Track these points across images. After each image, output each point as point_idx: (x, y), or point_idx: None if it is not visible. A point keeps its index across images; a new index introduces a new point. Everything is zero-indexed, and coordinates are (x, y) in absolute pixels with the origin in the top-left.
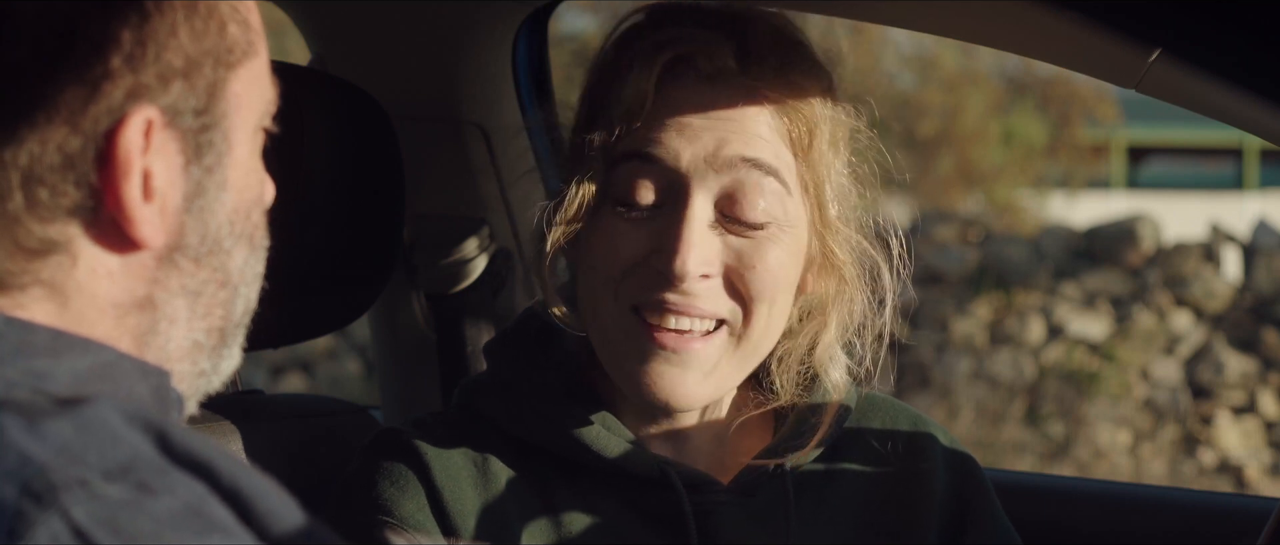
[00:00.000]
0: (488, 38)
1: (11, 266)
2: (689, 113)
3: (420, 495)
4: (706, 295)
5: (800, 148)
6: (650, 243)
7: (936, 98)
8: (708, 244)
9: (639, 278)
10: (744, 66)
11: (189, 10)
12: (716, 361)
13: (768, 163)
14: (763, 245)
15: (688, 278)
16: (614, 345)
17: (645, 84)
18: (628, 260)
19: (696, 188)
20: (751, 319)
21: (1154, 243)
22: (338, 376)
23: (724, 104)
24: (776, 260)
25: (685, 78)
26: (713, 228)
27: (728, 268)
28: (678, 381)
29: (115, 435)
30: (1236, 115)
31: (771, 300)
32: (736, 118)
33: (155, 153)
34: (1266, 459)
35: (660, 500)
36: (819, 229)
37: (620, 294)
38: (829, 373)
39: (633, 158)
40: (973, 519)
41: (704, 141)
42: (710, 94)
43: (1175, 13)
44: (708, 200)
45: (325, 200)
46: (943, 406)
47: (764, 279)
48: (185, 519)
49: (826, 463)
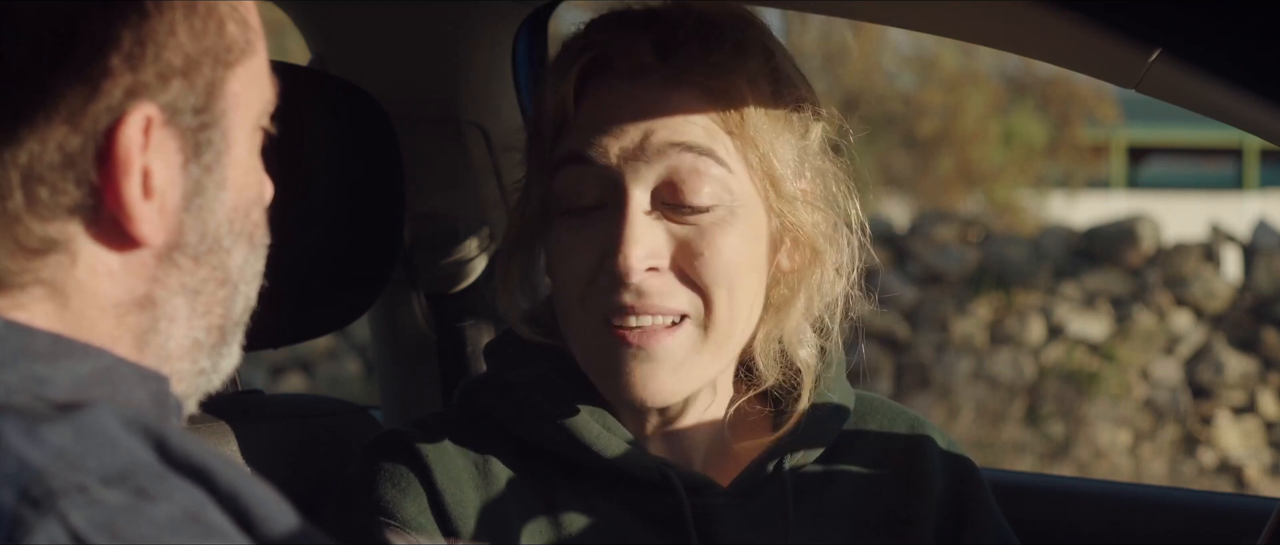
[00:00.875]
0: (488, 38)
1: (11, 265)
2: (613, 110)
3: (421, 497)
4: (660, 291)
5: (733, 124)
6: (599, 249)
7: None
8: (650, 237)
9: (598, 285)
10: (663, 58)
11: (188, 9)
12: (686, 354)
13: (699, 143)
14: (710, 231)
15: (633, 272)
16: (589, 354)
17: (565, 88)
18: (584, 269)
19: (631, 182)
20: (712, 307)
21: (1154, 243)
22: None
23: (647, 96)
24: (727, 244)
25: (605, 77)
26: (655, 219)
27: (676, 258)
28: (649, 377)
29: (114, 440)
30: (1236, 115)
31: (729, 286)
32: (660, 106)
33: (155, 151)
34: (1266, 459)
35: (660, 502)
36: (776, 205)
37: (587, 304)
38: (797, 352)
39: (566, 163)
40: (970, 521)
41: (631, 135)
42: (632, 89)
43: (1175, 13)
44: (644, 192)
45: (325, 200)
46: (943, 406)
47: (715, 264)
48: (183, 524)
49: (825, 465)
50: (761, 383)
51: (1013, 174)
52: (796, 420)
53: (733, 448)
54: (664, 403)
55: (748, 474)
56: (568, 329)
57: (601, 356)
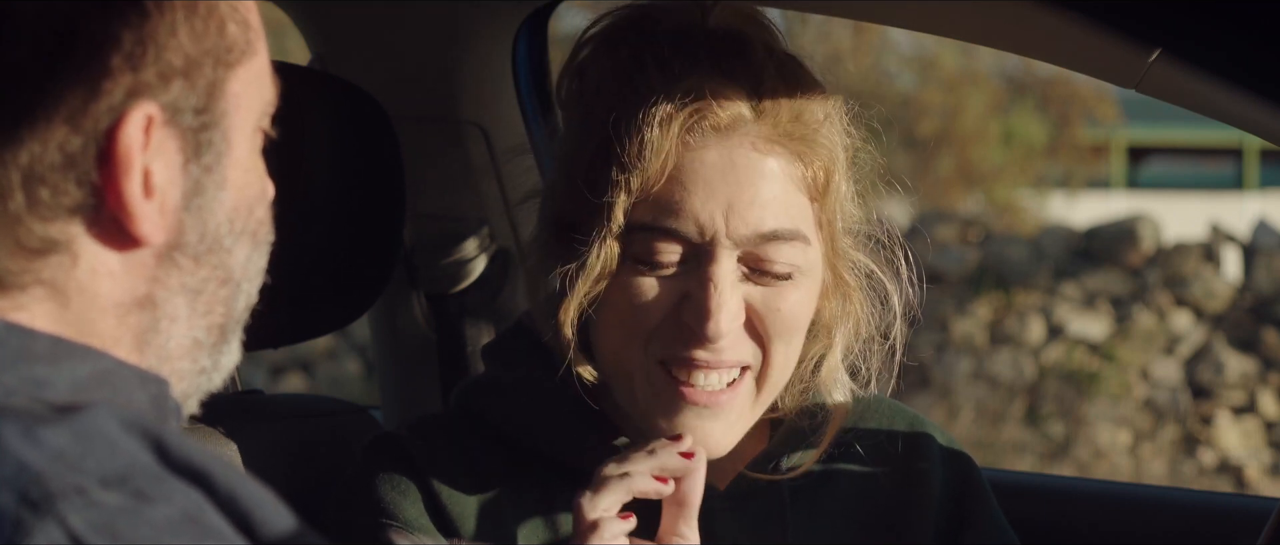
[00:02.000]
0: (488, 38)
1: (12, 266)
2: (707, 175)
3: (419, 498)
4: (731, 347)
5: (817, 191)
6: (675, 297)
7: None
8: (735, 301)
9: (666, 333)
10: (758, 111)
11: (189, 10)
12: (743, 408)
13: (786, 231)
14: (785, 290)
15: (722, 336)
16: (643, 399)
17: (666, 148)
18: (655, 316)
19: (721, 251)
20: (770, 359)
21: (1154, 243)
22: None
23: (741, 160)
24: (796, 302)
25: (700, 131)
26: (738, 280)
27: (750, 312)
28: (710, 434)
29: (113, 443)
30: (1236, 115)
31: (789, 339)
32: (754, 176)
33: (155, 150)
34: (1266, 459)
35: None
36: (831, 260)
37: (649, 349)
38: (831, 394)
39: (653, 230)
40: (970, 519)
41: (724, 207)
42: (725, 149)
43: (1175, 13)
44: (732, 259)
45: (325, 200)
46: (943, 406)
47: (785, 322)
48: (182, 526)
49: (823, 464)
50: (775, 411)
51: (1013, 174)
52: (791, 427)
53: (730, 452)
54: (720, 455)
55: (744, 477)
56: (614, 365)
57: (659, 403)
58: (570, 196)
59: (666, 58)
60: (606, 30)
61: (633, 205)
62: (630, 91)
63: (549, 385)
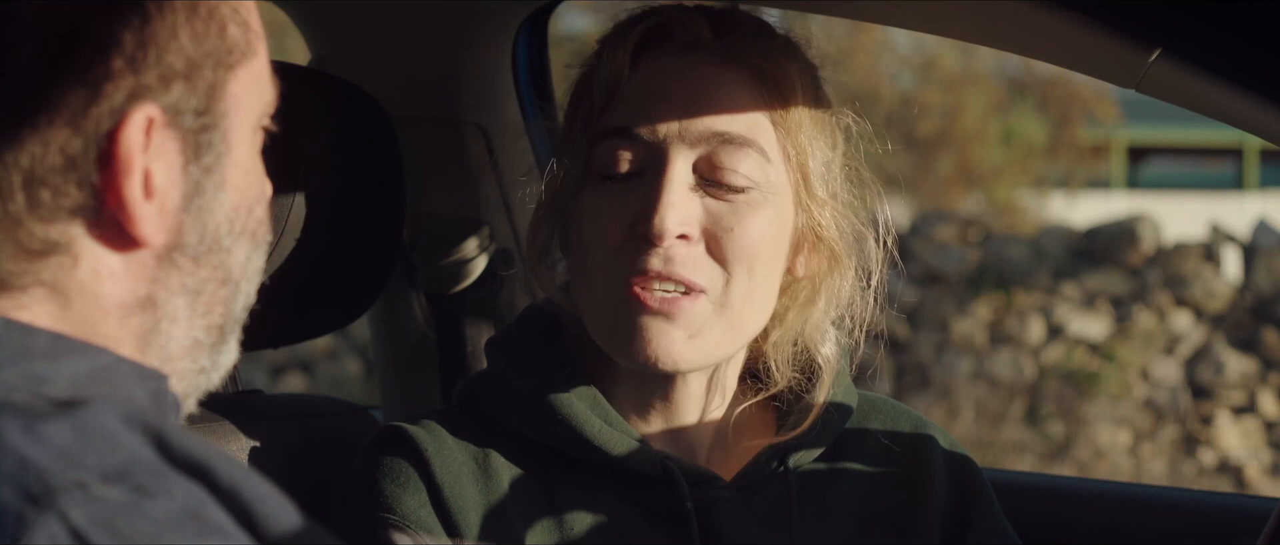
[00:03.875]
0: (488, 38)
1: (13, 267)
2: (664, 82)
3: (421, 492)
4: (685, 261)
5: (779, 114)
6: (634, 211)
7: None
8: (686, 205)
9: (625, 250)
10: (719, 34)
11: (190, 12)
12: (700, 324)
13: (741, 135)
14: (742, 210)
15: (667, 235)
16: (605, 318)
17: (622, 57)
18: (615, 233)
19: (674, 152)
20: (731, 284)
21: (1154, 243)
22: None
23: (699, 72)
24: (755, 227)
25: (661, 48)
26: (693, 191)
27: (706, 232)
28: (662, 338)
29: (113, 438)
30: (1236, 115)
31: (750, 267)
32: (711, 83)
33: (156, 152)
34: (1266, 459)
35: (663, 497)
36: (804, 202)
37: (611, 270)
38: (820, 349)
39: (612, 134)
40: (973, 521)
41: (678, 111)
42: (686, 61)
43: (1175, 13)
44: (686, 163)
45: (325, 200)
46: (943, 406)
47: (742, 243)
48: (183, 521)
49: (828, 463)
50: (772, 386)
51: (1013, 174)
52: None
53: (735, 444)
54: (672, 367)
55: (750, 469)
56: (587, 297)
57: (618, 318)
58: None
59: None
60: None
61: (597, 117)
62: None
63: (553, 378)
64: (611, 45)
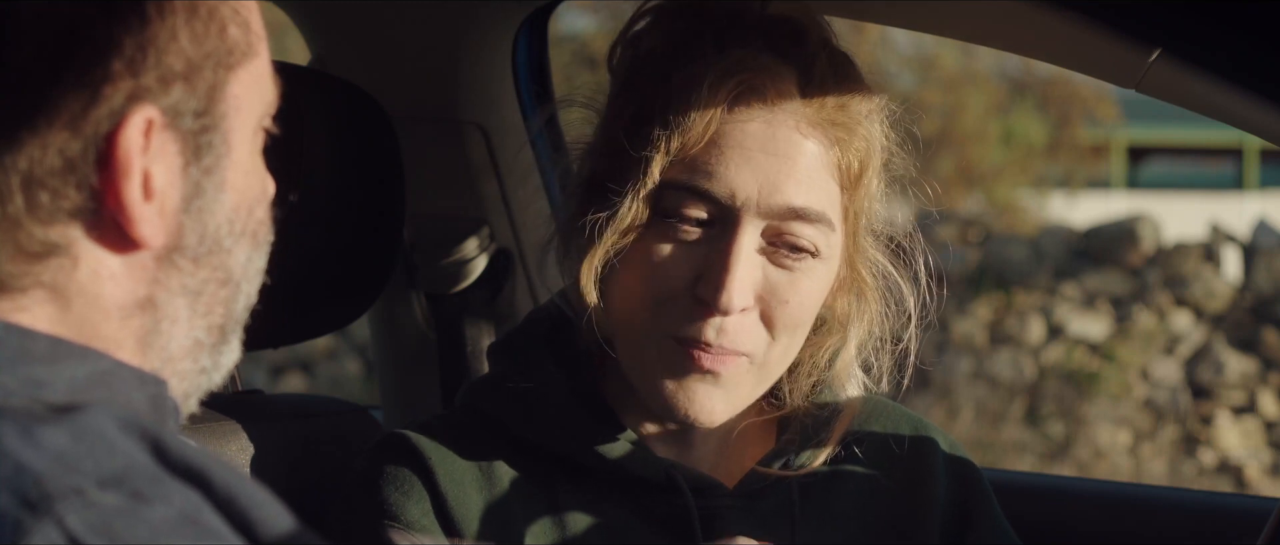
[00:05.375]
0: (488, 38)
1: (13, 269)
2: (747, 144)
3: (424, 499)
4: (739, 333)
5: (849, 181)
6: (694, 268)
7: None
8: (752, 279)
9: (679, 306)
10: (804, 93)
11: (190, 13)
12: (738, 381)
13: (816, 211)
14: (799, 279)
15: (732, 312)
16: (647, 362)
17: (712, 111)
18: (671, 283)
19: (747, 220)
20: (773, 347)
21: (1154, 243)
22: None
23: (782, 136)
24: (807, 293)
25: (746, 104)
26: (758, 256)
27: (761, 299)
28: (709, 399)
29: (111, 444)
30: (1236, 115)
31: (794, 331)
32: (792, 155)
33: (155, 153)
34: (1266, 459)
35: (666, 504)
36: (850, 254)
37: (660, 317)
38: (845, 388)
39: (687, 189)
40: (974, 523)
41: (759, 179)
42: (769, 123)
43: (1175, 13)
44: (756, 231)
45: (325, 200)
46: (943, 406)
47: (794, 312)
48: (180, 527)
49: (830, 466)
50: (783, 407)
51: (1013, 174)
52: (801, 425)
53: (738, 451)
54: (712, 425)
55: (753, 476)
56: (625, 332)
57: (662, 368)
58: (608, 155)
59: (722, 30)
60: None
61: (669, 164)
62: (684, 57)
63: (557, 384)
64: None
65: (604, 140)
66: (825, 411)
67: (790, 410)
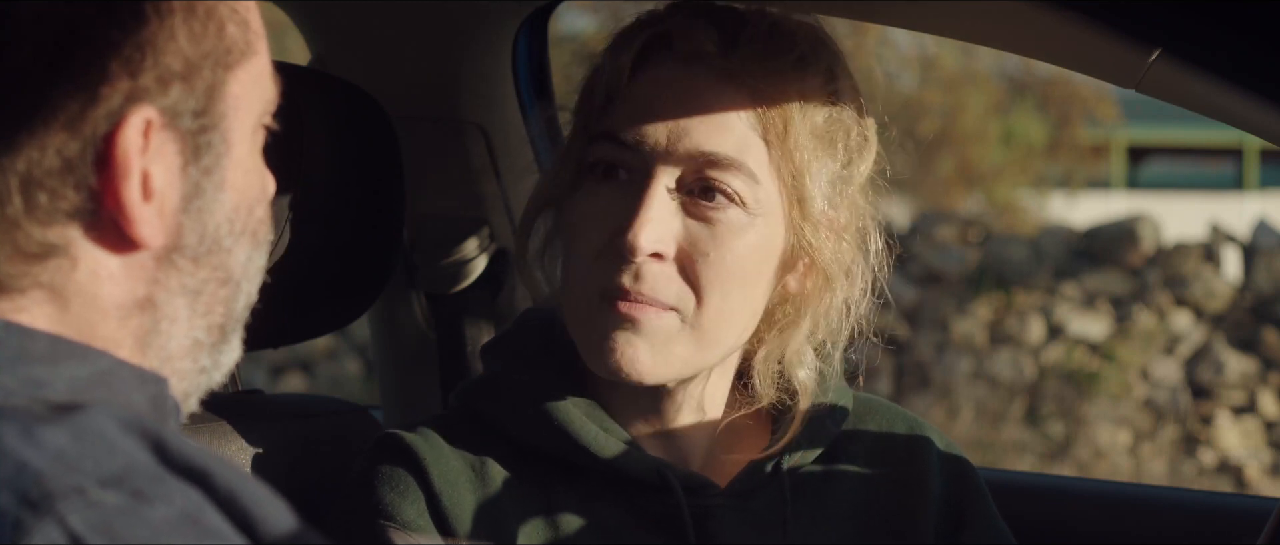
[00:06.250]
0: (488, 38)
1: (11, 270)
2: (659, 93)
3: (419, 499)
4: (656, 281)
5: (774, 135)
6: (615, 221)
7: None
8: (665, 222)
9: (603, 260)
10: (723, 49)
11: (188, 12)
12: (668, 337)
13: (727, 156)
14: (722, 233)
15: (639, 251)
16: (581, 326)
17: (623, 61)
18: (596, 240)
19: (659, 167)
20: (703, 307)
21: (1154, 243)
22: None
23: (696, 86)
24: (734, 250)
25: (662, 58)
26: (675, 204)
27: (682, 251)
28: (629, 349)
29: (112, 443)
30: (1236, 115)
31: (724, 291)
32: (705, 102)
33: (154, 153)
34: (1266, 459)
35: (658, 502)
36: (796, 222)
37: (589, 278)
38: (795, 373)
39: (604, 138)
40: (969, 522)
41: (670, 125)
42: (684, 73)
43: (1175, 13)
44: (669, 178)
45: (325, 200)
46: (943, 406)
47: (717, 267)
48: (182, 526)
49: (824, 465)
50: (758, 401)
51: (1013, 174)
52: (794, 427)
53: (731, 451)
54: (639, 378)
55: (745, 475)
56: (568, 301)
57: (590, 325)
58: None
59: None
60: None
61: (595, 118)
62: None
63: (549, 383)
64: (617, 47)
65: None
66: (818, 411)
67: (769, 404)
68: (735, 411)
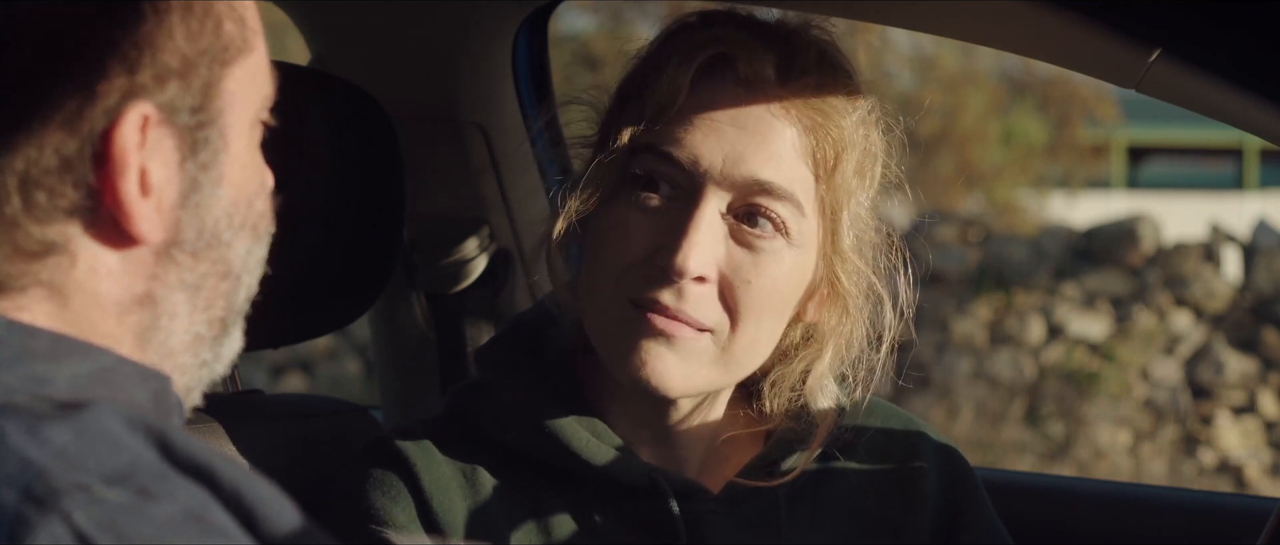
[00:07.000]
0: (488, 38)
1: (11, 269)
2: (717, 115)
3: (409, 504)
4: (697, 303)
5: (824, 169)
6: (658, 238)
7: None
8: (711, 246)
9: (641, 273)
10: (782, 77)
11: (185, 10)
12: (698, 358)
13: (780, 187)
14: (763, 260)
15: (687, 275)
16: (607, 328)
17: (681, 79)
18: (635, 252)
19: (710, 190)
20: (737, 332)
21: (1154, 243)
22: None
23: (755, 114)
24: (772, 278)
25: (721, 79)
26: (721, 228)
27: (723, 277)
28: (660, 362)
29: (116, 440)
30: (1236, 115)
31: (759, 318)
32: (762, 131)
33: (151, 150)
34: (1266, 459)
35: (650, 508)
36: (828, 255)
37: (622, 283)
38: (816, 401)
39: (653, 152)
40: (965, 521)
41: (726, 151)
42: (743, 100)
43: (1175, 13)
44: (720, 203)
45: (325, 200)
46: (943, 406)
47: (756, 295)
48: (186, 524)
49: (819, 465)
50: (764, 421)
51: (1013, 174)
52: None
53: (724, 456)
54: (666, 391)
55: (738, 481)
56: (592, 301)
57: (621, 332)
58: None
59: (710, 17)
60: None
61: (641, 131)
62: (666, 37)
63: (539, 389)
64: (673, 57)
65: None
66: (810, 418)
67: (770, 427)
68: (738, 425)
